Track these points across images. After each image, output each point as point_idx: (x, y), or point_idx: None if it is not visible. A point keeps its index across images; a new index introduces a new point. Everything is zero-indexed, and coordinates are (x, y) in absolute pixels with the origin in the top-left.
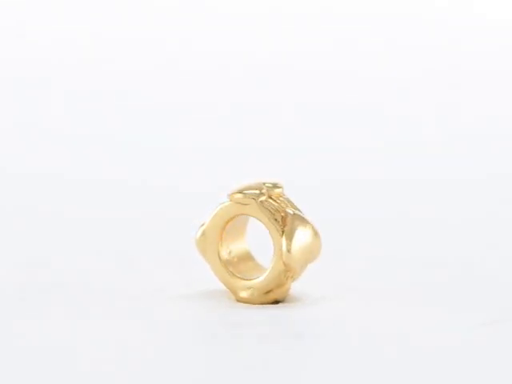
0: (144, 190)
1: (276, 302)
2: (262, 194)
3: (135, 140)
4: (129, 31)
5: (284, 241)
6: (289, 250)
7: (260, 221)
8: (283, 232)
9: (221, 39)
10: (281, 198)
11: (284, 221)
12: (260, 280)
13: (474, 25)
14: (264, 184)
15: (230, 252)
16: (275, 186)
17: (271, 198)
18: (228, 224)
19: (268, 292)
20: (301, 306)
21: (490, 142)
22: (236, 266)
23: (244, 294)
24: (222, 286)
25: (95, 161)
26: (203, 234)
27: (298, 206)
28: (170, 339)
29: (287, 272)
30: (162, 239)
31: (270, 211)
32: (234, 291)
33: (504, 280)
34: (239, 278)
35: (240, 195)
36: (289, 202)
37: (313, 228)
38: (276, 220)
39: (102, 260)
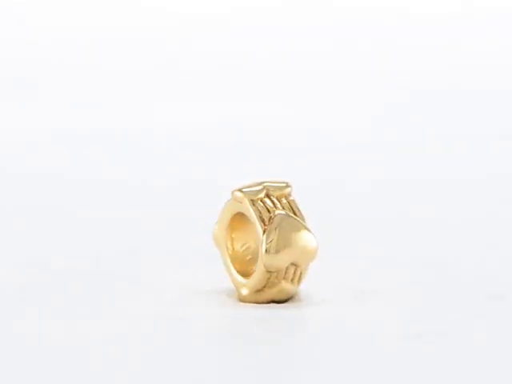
0: (146, 190)
1: (274, 302)
2: (258, 192)
3: (142, 139)
4: (128, 29)
5: (264, 241)
6: (266, 250)
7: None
8: (264, 232)
9: (223, 38)
10: (283, 199)
11: (271, 221)
12: (250, 279)
13: (474, 24)
14: (262, 183)
15: (245, 249)
16: (282, 186)
17: (269, 197)
18: (237, 221)
19: (258, 291)
20: (298, 307)
21: (489, 142)
22: (245, 264)
23: (242, 292)
24: (224, 285)
25: (97, 160)
26: (216, 228)
27: (302, 208)
28: (170, 339)
29: (272, 272)
30: (162, 239)
31: (258, 210)
32: (236, 288)
33: (504, 280)
34: (240, 275)
35: (237, 193)
36: (291, 203)
37: (305, 230)
38: (262, 219)
39: (102, 260)
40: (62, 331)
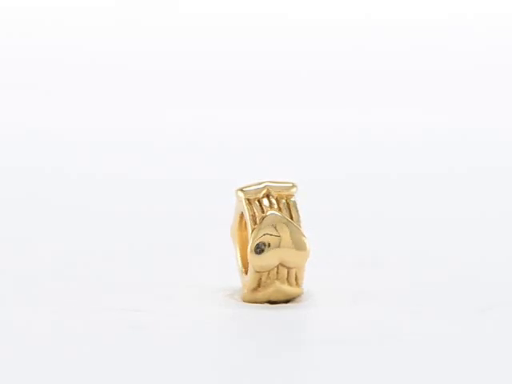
0: (150, 188)
1: (273, 302)
2: (258, 192)
3: (155, 137)
4: (133, 29)
5: (251, 240)
6: (251, 250)
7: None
8: (253, 231)
9: (226, 39)
10: (282, 200)
11: (260, 221)
12: (246, 278)
13: (474, 24)
14: (264, 183)
15: None
16: (287, 186)
17: (268, 197)
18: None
19: (254, 291)
20: (298, 308)
21: (488, 142)
22: None
23: (243, 291)
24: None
25: (114, 159)
26: (231, 226)
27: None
28: (169, 337)
29: (262, 272)
30: (163, 239)
31: (252, 209)
32: (242, 287)
33: (505, 280)
34: (244, 274)
35: (238, 192)
36: (290, 204)
37: (296, 232)
38: (254, 219)
39: (103, 260)
40: (59, 326)
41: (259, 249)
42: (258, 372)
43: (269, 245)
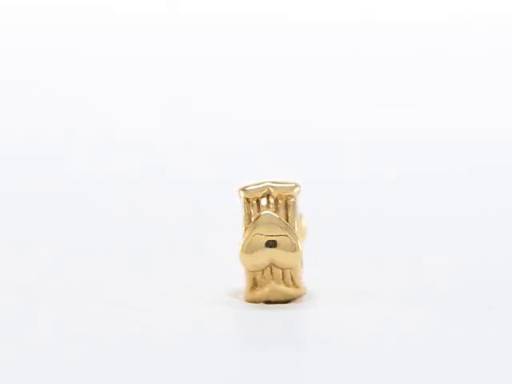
0: (150, 188)
1: (271, 302)
2: (258, 191)
3: (155, 137)
4: (128, 26)
5: (242, 239)
6: (241, 249)
7: None
8: (246, 230)
9: (227, 38)
10: (281, 200)
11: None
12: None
13: (474, 24)
14: (265, 182)
15: None
16: (289, 187)
17: (267, 197)
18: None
19: (252, 290)
20: (298, 308)
21: (488, 142)
22: None
23: (244, 291)
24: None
25: (100, 156)
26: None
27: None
28: (169, 336)
29: (255, 272)
30: (163, 239)
31: (248, 209)
32: None
33: (505, 280)
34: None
35: (240, 191)
36: (288, 204)
37: (288, 233)
38: (249, 217)
39: (103, 260)
40: (59, 326)
41: (250, 248)
42: (258, 372)
43: (260, 245)
